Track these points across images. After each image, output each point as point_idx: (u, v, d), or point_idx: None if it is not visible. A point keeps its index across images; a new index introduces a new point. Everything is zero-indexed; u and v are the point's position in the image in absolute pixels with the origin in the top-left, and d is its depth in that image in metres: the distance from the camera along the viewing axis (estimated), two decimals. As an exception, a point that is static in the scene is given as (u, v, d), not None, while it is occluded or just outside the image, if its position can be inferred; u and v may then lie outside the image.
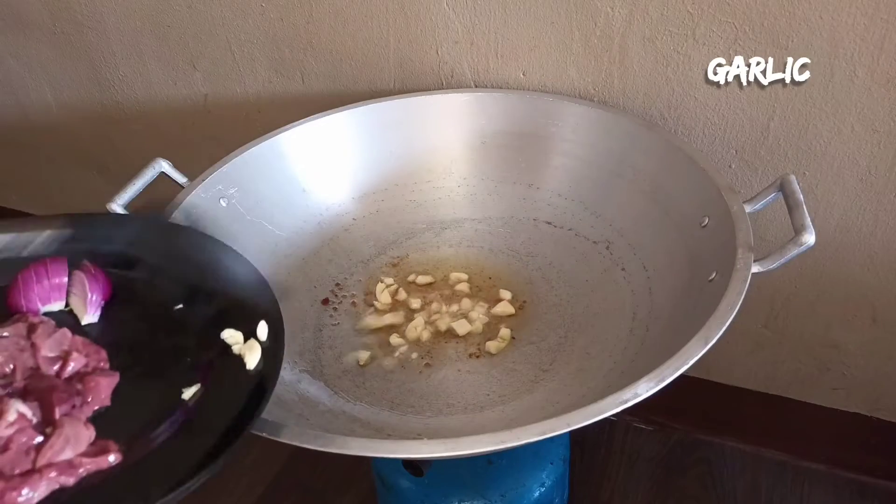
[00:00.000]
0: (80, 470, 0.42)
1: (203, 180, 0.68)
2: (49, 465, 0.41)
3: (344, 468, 0.92)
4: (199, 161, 0.73)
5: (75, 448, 0.43)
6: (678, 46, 0.71)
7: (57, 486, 0.41)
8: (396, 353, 0.66)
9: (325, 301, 0.71)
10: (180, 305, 0.55)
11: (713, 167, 0.65)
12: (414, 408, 0.62)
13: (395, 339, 0.67)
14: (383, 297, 0.71)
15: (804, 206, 0.58)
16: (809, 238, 0.55)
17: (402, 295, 0.71)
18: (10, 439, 0.42)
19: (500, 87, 0.81)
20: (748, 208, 0.61)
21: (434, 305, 0.70)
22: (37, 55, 1.03)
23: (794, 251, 0.55)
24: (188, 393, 0.48)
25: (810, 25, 0.66)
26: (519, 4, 0.75)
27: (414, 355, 0.66)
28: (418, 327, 0.68)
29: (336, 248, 0.75)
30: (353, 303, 0.71)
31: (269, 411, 0.55)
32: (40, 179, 1.18)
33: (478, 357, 0.66)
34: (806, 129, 0.71)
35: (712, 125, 0.75)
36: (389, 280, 0.72)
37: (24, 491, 0.40)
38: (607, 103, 0.77)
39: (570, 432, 0.46)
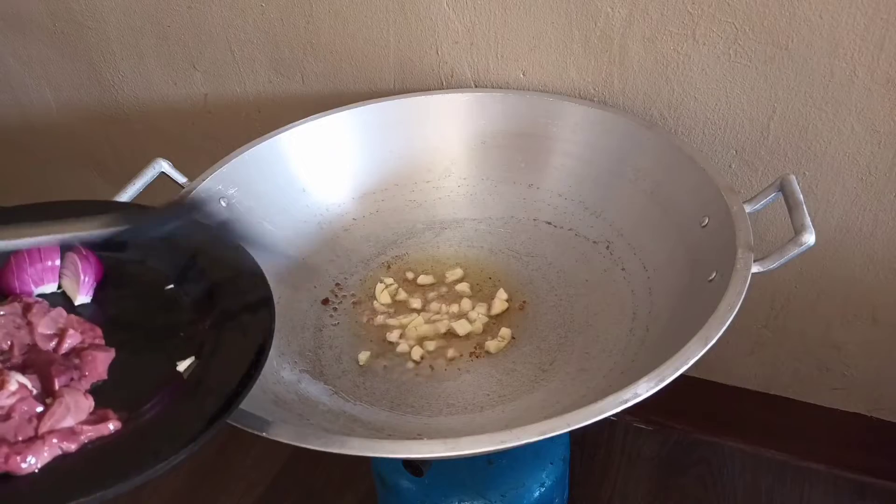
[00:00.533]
0: (82, 437, 0.43)
1: (203, 180, 0.68)
2: (51, 432, 0.43)
3: (344, 468, 0.92)
4: (199, 161, 0.73)
5: (76, 416, 0.44)
6: (678, 46, 0.71)
7: (59, 452, 0.42)
8: (396, 353, 0.66)
9: (325, 301, 0.71)
10: (171, 285, 0.56)
11: (713, 167, 0.65)
12: (414, 408, 0.62)
13: (395, 339, 0.67)
14: (383, 297, 0.71)
15: (804, 206, 0.58)
16: (809, 238, 0.55)
17: (402, 295, 0.71)
18: (12, 408, 0.43)
19: (500, 87, 0.81)
20: (748, 208, 0.61)
21: (434, 305, 0.70)
22: (37, 55, 1.03)
23: (794, 251, 0.55)
24: (183, 365, 0.49)
25: (810, 25, 0.66)
26: (519, 4, 0.75)
27: (414, 355, 0.66)
28: (418, 327, 0.68)
29: (336, 248, 0.75)
30: (354, 303, 0.71)
31: (270, 411, 0.56)
32: (40, 179, 1.18)
33: (478, 357, 0.66)
34: (806, 129, 0.71)
35: (712, 125, 0.75)
36: (389, 280, 0.72)
37: (28, 456, 0.41)
38: (607, 103, 0.77)
39: (570, 432, 0.46)
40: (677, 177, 0.67)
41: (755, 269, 0.55)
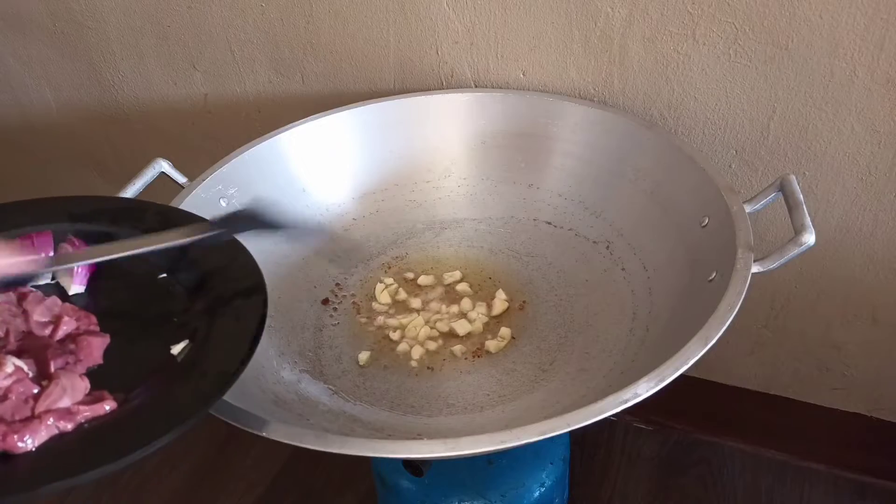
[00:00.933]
0: (78, 417, 0.43)
1: (203, 180, 0.68)
2: (48, 412, 0.43)
3: (344, 468, 0.92)
4: (199, 161, 0.73)
5: (72, 397, 0.44)
6: (678, 46, 0.71)
7: (56, 432, 0.43)
8: (396, 353, 0.66)
9: (325, 301, 0.71)
10: (164, 275, 0.56)
11: (713, 167, 0.65)
12: (414, 408, 0.62)
13: (395, 339, 0.67)
14: (383, 298, 0.71)
15: (804, 206, 0.58)
16: (809, 238, 0.55)
17: (402, 295, 0.71)
18: (8, 389, 0.44)
19: (500, 87, 0.81)
20: (748, 208, 0.61)
21: (434, 305, 0.70)
22: (37, 55, 1.03)
23: (794, 251, 0.55)
24: (177, 349, 0.50)
25: (810, 25, 0.66)
26: (519, 4, 0.75)
27: (414, 355, 0.66)
28: (418, 327, 0.68)
29: (336, 248, 0.75)
30: (354, 303, 0.71)
31: (270, 411, 0.56)
32: (40, 179, 1.18)
33: (478, 357, 0.66)
34: (806, 129, 0.71)
35: (712, 125, 0.75)
36: (389, 280, 0.72)
37: (26, 435, 0.42)
38: (607, 103, 0.77)
39: (570, 432, 0.46)
40: (677, 177, 0.67)
41: (755, 269, 0.55)
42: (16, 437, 0.41)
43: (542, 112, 0.76)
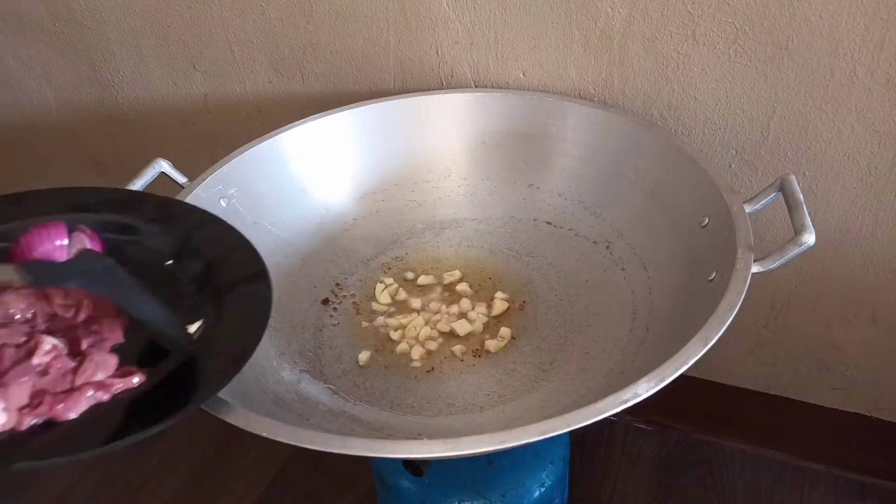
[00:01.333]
0: (113, 388, 0.48)
1: (203, 180, 0.69)
2: (86, 384, 0.47)
3: (344, 468, 0.92)
4: (199, 161, 0.73)
5: (105, 371, 0.48)
6: (678, 46, 0.71)
7: (95, 402, 0.47)
8: (396, 353, 0.66)
9: (325, 301, 0.71)
10: (171, 262, 0.58)
11: (713, 167, 0.65)
12: (414, 408, 0.62)
13: (395, 339, 0.67)
14: (383, 298, 0.71)
15: (804, 206, 0.58)
16: (809, 238, 0.55)
17: (402, 295, 0.71)
18: (48, 365, 0.48)
19: (500, 87, 0.81)
20: (748, 208, 0.61)
21: (434, 305, 0.70)
22: (37, 55, 1.03)
23: (794, 251, 0.55)
24: (193, 328, 0.53)
25: (810, 25, 0.66)
26: (519, 4, 0.75)
27: (414, 355, 0.66)
28: (418, 327, 0.68)
29: (336, 248, 0.75)
30: (354, 303, 0.71)
31: (270, 411, 0.56)
32: (40, 179, 1.18)
33: (478, 357, 0.66)
34: (806, 129, 0.71)
35: (712, 125, 0.75)
36: (389, 280, 0.72)
37: (70, 404, 0.46)
38: (607, 103, 0.77)
39: (570, 432, 0.46)
40: (677, 177, 0.67)
41: (755, 269, 0.55)
42: (61, 406, 0.46)
43: (542, 112, 0.76)
